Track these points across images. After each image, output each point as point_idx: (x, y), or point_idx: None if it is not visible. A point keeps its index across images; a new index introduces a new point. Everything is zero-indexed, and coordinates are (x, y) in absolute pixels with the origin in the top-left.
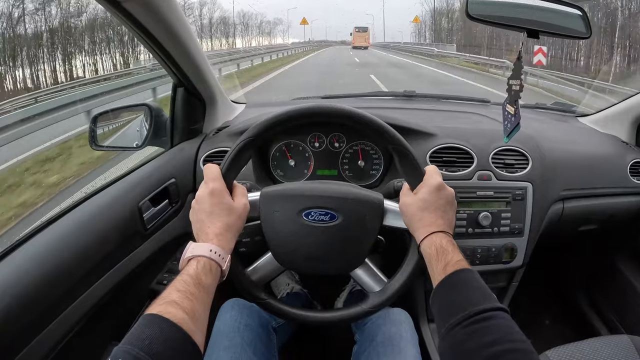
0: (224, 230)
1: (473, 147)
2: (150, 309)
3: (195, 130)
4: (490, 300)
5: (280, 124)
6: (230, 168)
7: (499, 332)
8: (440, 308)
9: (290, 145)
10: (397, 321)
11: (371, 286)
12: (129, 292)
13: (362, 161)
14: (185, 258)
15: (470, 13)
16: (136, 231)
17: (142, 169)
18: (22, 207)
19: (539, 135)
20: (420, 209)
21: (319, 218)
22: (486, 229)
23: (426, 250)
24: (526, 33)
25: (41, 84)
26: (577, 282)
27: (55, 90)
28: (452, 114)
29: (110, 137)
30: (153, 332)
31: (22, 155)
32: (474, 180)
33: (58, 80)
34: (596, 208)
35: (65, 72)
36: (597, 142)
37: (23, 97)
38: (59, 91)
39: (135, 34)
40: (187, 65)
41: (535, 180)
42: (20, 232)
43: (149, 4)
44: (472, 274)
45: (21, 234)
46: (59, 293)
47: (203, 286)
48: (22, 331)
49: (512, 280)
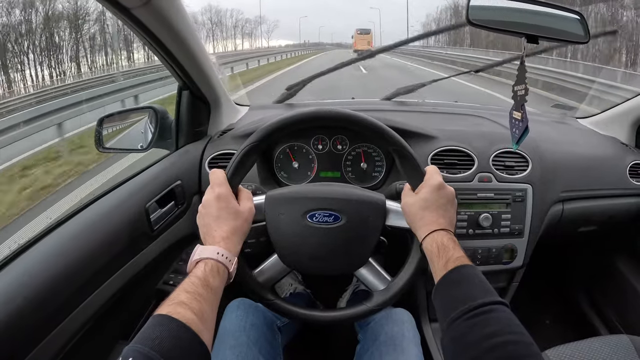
0: (230, 234)
1: (474, 149)
2: (160, 309)
3: (200, 132)
4: (491, 294)
5: (284, 129)
6: (235, 173)
7: (498, 325)
8: (441, 303)
9: (294, 148)
10: (399, 321)
11: (375, 285)
12: (136, 292)
13: (364, 163)
14: (193, 261)
15: (470, 18)
16: (143, 232)
17: (149, 171)
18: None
19: (539, 137)
20: (422, 208)
21: (323, 219)
22: (486, 230)
23: (428, 248)
24: (526, 38)
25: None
26: (577, 282)
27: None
28: (453, 116)
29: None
30: (163, 332)
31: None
32: (474, 182)
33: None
34: (596, 209)
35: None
36: (597, 143)
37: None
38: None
39: (142, 39)
40: (192, 68)
41: (535, 182)
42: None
43: (158, 10)
44: (472, 269)
45: (31, 236)
46: (68, 293)
47: (211, 288)
48: (33, 331)
49: (512, 280)
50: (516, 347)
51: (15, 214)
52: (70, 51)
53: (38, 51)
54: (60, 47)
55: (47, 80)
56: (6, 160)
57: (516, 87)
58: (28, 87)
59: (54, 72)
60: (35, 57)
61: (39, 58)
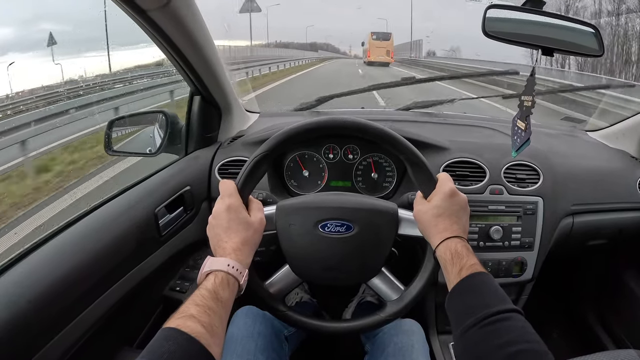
0: (241, 245)
1: (485, 161)
2: (169, 322)
3: (210, 138)
4: (505, 302)
5: (294, 138)
6: (245, 183)
7: (513, 333)
8: (455, 311)
9: (304, 156)
10: (409, 332)
11: (388, 295)
12: (142, 297)
13: (375, 173)
14: (203, 272)
15: (487, 30)
16: (151, 237)
17: (158, 176)
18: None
19: (550, 150)
20: (435, 216)
21: (335, 229)
22: (497, 242)
23: (441, 256)
24: (540, 50)
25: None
26: (586, 295)
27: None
28: (465, 128)
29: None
30: (171, 346)
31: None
32: (486, 194)
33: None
34: (605, 223)
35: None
36: (607, 157)
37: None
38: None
39: (157, 41)
40: (205, 73)
41: (546, 195)
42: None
43: (174, 13)
44: (486, 277)
45: (38, 237)
46: (74, 297)
47: (221, 301)
48: (38, 334)
49: (521, 294)
50: (530, 356)
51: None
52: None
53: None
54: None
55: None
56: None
57: (523, 97)
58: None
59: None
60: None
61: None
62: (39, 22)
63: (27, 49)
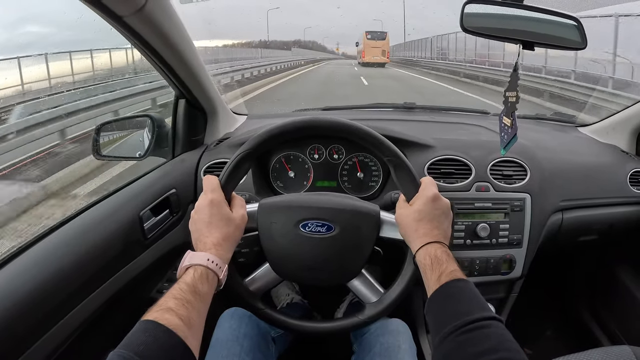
0: (222, 240)
1: (471, 158)
2: (147, 315)
3: (196, 141)
4: (484, 309)
5: (277, 137)
6: (228, 179)
7: (491, 341)
8: (434, 318)
9: (289, 157)
10: (395, 332)
11: (368, 297)
12: (129, 300)
13: (360, 173)
14: (183, 266)
15: (465, 26)
16: (137, 240)
17: (144, 179)
18: None
19: (538, 146)
20: (416, 220)
21: (315, 229)
22: (484, 240)
23: (421, 261)
24: (521, 45)
25: None
26: (578, 292)
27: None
28: (451, 126)
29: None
30: (148, 338)
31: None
32: (472, 192)
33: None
34: (596, 218)
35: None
36: (597, 151)
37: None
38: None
39: (137, 46)
40: (188, 77)
41: (533, 191)
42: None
43: (149, 17)
44: (466, 283)
45: (23, 242)
46: (59, 300)
47: (199, 294)
48: (22, 337)
49: (511, 291)
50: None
51: None
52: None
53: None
54: None
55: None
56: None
57: (507, 93)
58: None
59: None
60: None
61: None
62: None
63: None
